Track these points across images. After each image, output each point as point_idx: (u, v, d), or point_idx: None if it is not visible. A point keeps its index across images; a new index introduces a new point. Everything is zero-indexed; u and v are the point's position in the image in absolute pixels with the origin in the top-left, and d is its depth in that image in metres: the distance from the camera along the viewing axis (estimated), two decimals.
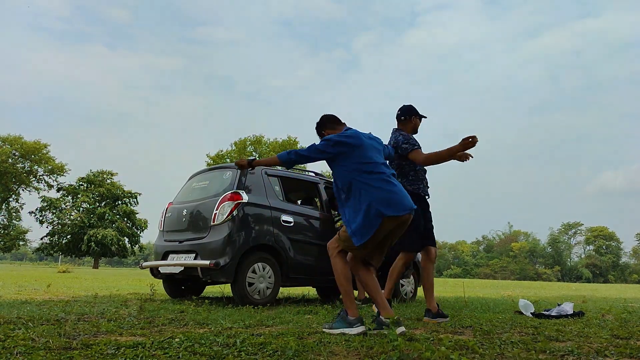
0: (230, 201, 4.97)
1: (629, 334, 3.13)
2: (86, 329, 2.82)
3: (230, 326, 3.15)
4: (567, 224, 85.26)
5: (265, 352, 2.23)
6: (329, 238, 5.70)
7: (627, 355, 2.38)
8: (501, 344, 2.59)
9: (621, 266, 78.52)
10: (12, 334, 2.51)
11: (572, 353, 2.38)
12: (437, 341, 2.64)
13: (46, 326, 2.89)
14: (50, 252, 42.95)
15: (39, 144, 42.15)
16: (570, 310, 4.75)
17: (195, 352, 2.18)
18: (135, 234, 45.55)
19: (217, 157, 36.21)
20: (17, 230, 43.86)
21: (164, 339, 2.47)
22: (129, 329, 2.88)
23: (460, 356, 2.09)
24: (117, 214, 44.71)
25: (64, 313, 3.65)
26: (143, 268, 5.82)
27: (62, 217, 42.44)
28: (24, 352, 2.09)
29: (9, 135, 41.82)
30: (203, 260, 4.82)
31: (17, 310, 3.79)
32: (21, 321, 3.08)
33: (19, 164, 42.43)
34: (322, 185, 6.09)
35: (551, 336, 2.97)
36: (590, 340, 2.83)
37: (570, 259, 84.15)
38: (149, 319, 3.44)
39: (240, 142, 37.54)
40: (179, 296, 5.90)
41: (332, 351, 2.34)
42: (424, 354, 2.13)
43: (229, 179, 5.28)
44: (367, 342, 2.52)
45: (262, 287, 4.99)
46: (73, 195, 44.04)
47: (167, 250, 5.45)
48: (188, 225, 5.31)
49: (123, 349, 2.19)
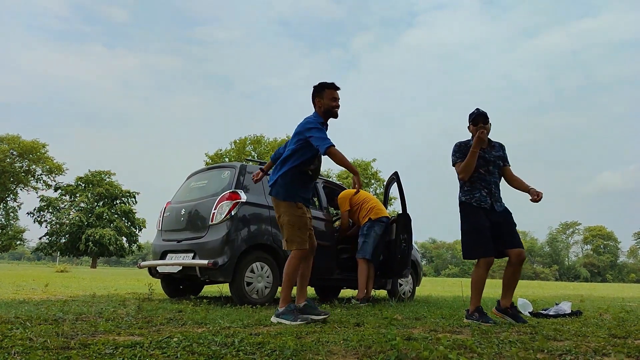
0: (229, 200, 4.96)
1: (626, 333, 3.13)
2: (84, 329, 2.81)
3: (229, 326, 3.15)
4: (565, 224, 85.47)
5: (264, 352, 2.23)
6: (327, 237, 5.76)
7: (625, 354, 2.38)
8: (499, 343, 2.59)
9: (619, 265, 78.74)
10: (10, 334, 2.50)
11: (569, 352, 2.39)
12: (436, 340, 2.64)
13: (44, 326, 2.88)
14: (48, 252, 42.88)
15: (37, 144, 42.05)
16: (568, 310, 4.76)
17: (193, 352, 2.18)
18: (133, 233, 45.50)
19: (215, 157, 36.15)
20: (15, 230, 43.76)
21: (162, 339, 2.46)
22: (127, 329, 2.87)
23: (459, 355, 2.09)
24: (116, 213, 44.65)
25: (61, 313, 3.64)
26: (141, 267, 5.81)
27: (60, 216, 42.37)
28: (21, 352, 2.08)
29: (6, 134, 41.74)
30: (201, 259, 4.81)
31: (15, 310, 3.78)
32: (19, 321, 3.07)
33: (17, 164, 42.33)
34: (320, 185, 6.09)
35: (549, 335, 2.97)
36: (588, 340, 2.84)
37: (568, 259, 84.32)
38: (147, 318, 3.43)
39: (240, 141, 37.47)
40: (177, 296, 5.90)
41: (330, 350, 2.34)
42: (422, 353, 2.13)
43: (227, 179, 5.27)
44: (365, 342, 2.52)
45: (261, 287, 4.99)
46: (71, 195, 43.98)
47: (165, 250, 5.44)
48: (186, 225, 5.30)
49: (121, 349, 2.19)
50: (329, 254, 5.72)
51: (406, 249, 5.88)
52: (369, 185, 39.94)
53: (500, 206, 3.88)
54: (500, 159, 3.97)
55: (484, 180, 3.87)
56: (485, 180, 3.87)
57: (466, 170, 3.79)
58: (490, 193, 3.85)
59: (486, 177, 3.88)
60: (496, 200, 3.87)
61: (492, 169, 3.91)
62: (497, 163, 3.94)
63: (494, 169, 3.91)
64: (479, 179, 3.86)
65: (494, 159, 3.92)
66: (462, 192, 3.90)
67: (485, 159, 3.89)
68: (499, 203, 3.89)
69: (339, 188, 6.53)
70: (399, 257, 5.86)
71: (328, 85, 3.78)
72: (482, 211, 3.81)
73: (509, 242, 3.78)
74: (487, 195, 3.84)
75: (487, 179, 3.87)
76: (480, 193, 3.84)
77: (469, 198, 3.85)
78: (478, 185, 3.86)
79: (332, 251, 5.81)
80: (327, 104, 3.74)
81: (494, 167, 3.91)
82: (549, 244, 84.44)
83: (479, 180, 3.87)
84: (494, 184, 3.89)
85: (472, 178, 3.86)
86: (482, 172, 3.88)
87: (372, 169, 40.49)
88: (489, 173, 3.89)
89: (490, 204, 3.84)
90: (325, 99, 3.74)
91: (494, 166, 3.92)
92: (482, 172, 3.88)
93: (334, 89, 3.77)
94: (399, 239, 5.85)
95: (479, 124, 3.82)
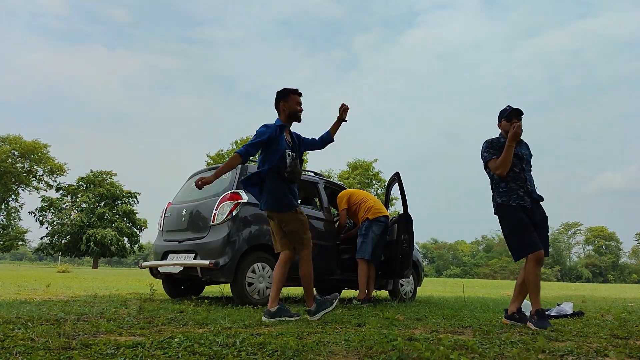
0: (230, 201, 4.96)
1: (628, 334, 3.13)
2: (85, 329, 2.81)
3: (230, 326, 3.15)
4: (566, 224, 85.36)
5: (265, 352, 2.23)
6: (328, 238, 5.76)
7: (627, 355, 2.38)
8: (501, 344, 2.59)
9: (621, 266, 78.59)
10: (12, 334, 2.50)
11: (571, 353, 2.38)
12: (437, 341, 2.64)
13: (45, 326, 2.89)
14: (50, 252, 42.95)
15: (38, 144, 42.11)
16: (569, 310, 4.75)
17: (194, 352, 2.18)
18: (134, 233, 45.54)
19: (217, 157, 36.17)
20: (17, 231, 43.83)
21: (163, 339, 2.46)
22: (128, 329, 2.88)
23: (460, 356, 2.09)
24: (117, 214, 44.71)
25: (63, 313, 3.65)
26: (142, 268, 5.82)
27: (62, 217, 42.43)
28: (23, 352, 2.09)
29: (8, 134, 41.80)
30: (202, 260, 4.81)
31: (17, 310, 3.78)
32: (20, 321, 3.08)
33: (19, 164, 42.39)
34: (321, 185, 6.09)
35: (550, 336, 2.97)
36: (589, 340, 2.83)
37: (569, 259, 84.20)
38: (149, 318, 3.44)
39: (241, 141, 37.51)
40: (178, 296, 5.90)
41: (332, 351, 2.34)
42: (423, 353, 2.13)
43: (228, 179, 5.27)
44: (366, 342, 2.52)
45: (262, 287, 4.99)
46: (72, 195, 44.04)
47: (166, 250, 5.45)
48: (187, 225, 5.30)
49: (122, 349, 2.19)
50: (330, 254, 5.72)
51: (407, 249, 5.88)
52: (370, 186, 39.96)
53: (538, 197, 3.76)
54: (529, 156, 3.88)
55: (519, 179, 3.74)
56: (521, 178, 3.74)
57: (504, 166, 3.66)
58: (527, 192, 3.72)
59: (521, 175, 3.75)
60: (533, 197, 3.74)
61: (525, 166, 3.80)
62: (528, 160, 3.84)
63: (526, 166, 3.81)
64: (513, 179, 3.74)
65: (525, 156, 3.82)
66: (498, 193, 3.77)
67: (518, 156, 3.77)
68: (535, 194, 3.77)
69: (339, 188, 6.53)
70: (400, 257, 5.86)
71: (293, 90, 3.93)
72: (522, 210, 3.69)
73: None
74: (524, 195, 3.71)
75: (522, 177, 3.74)
76: (517, 193, 3.71)
77: (507, 199, 3.72)
78: (514, 186, 3.73)
79: (333, 251, 5.81)
80: (292, 108, 3.89)
81: (526, 165, 3.81)
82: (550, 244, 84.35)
83: (514, 179, 3.74)
84: (529, 182, 3.77)
85: (507, 178, 3.74)
86: (516, 171, 3.75)
87: (373, 169, 40.53)
88: (522, 171, 3.77)
89: (530, 202, 3.71)
90: (290, 102, 3.89)
91: (527, 163, 3.81)
92: (517, 171, 3.75)
93: (298, 94, 3.93)
94: (400, 240, 5.85)
95: (512, 119, 3.74)
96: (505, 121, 3.81)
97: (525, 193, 3.72)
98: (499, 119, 3.89)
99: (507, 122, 3.78)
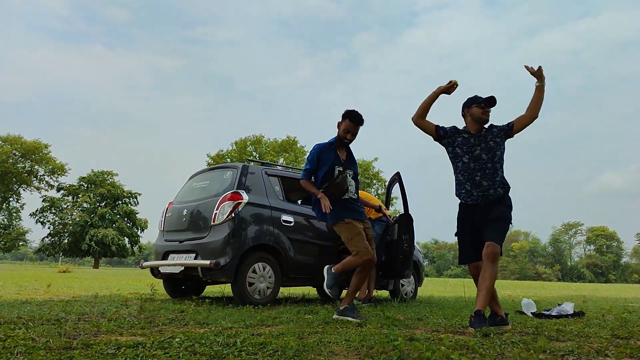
0: (231, 201, 4.96)
1: (629, 334, 3.12)
2: (86, 329, 2.82)
3: (231, 326, 3.15)
4: (567, 224, 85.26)
5: (266, 352, 2.23)
6: (329, 238, 5.75)
7: (628, 355, 2.38)
8: (501, 344, 2.59)
9: (622, 266, 78.47)
10: (13, 334, 2.50)
11: (572, 353, 2.38)
12: (438, 341, 2.64)
13: (46, 326, 2.89)
14: (51, 253, 42.99)
15: (39, 144, 42.11)
16: (570, 310, 4.75)
17: (195, 352, 2.18)
18: (135, 234, 45.57)
19: (217, 157, 36.18)
20: (18, 231, 43.85)
21: (164, 339, 2.47)
22: (129, 329, 2.88)
23: (461, 356, 2.09)
24: (118, 214, 44.73)
25: (64, 313, 3.65)
26: (143, 268, 5.82)
27: (63, 217, 42.47)
28: (24, 352, 2.09)
29: (8, 135, 41.80)
30: (203, 260, 4.81)
31: (18, 310, 3.79)
32: (21, 321, 3.08)
33: (20, 164, 42.41)
34: None
35: (551, 336, 2.97)
36: (590, 340, 2.83)
37: (570, 259, 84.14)
38: (149, 318, 3.44)
39: (240, 141, 37.52)
40: (179, 296, 5.90)
41: (333, 351, 2.34)
42: (424, 353, 2.13)
43: (229, 179, 5.27)
44: (367, 342, 2.52)
45: (263, 287, 4.99)
46: (74, 195, 44.08)
47: (167, 250, 5.45)
48: (188, 225, 5.31)
49: (123, 349, 2.19)
50: (330, 254, 5.71)
51: (408, 249, 5.88)
52: (371, 186, 39.91)
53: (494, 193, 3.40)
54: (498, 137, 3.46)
55: (467, 171, 3.45)
56: (469, 170, 3.43)
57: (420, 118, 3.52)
58: (474, 184, 3.42)
59: (469, 165, 3.43)
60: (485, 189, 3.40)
61: (479, 153, 3.43)
62: (489, 145, 3.43)
63: (483, 152, 3.43)
64: (462, 170, 3.47)
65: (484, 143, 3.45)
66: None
67: (469, 144, 3.44)
68: (492, 190, 3.40)
69: None
70: (400, 257, 5.86)
71: (350, 116, 3.95)
72: (465, 209, 3.53)
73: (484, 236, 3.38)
74: (471, 189, 3.43)
75: (472, 168, 3.42)
76: (465, 187, 3.47)
77: (457, 193, 3.53)
78: (461, 178, 3.49)
79: (334, 251, 5.80)
80: (340, 132, 4.02)
81: (482, 151, 3.43)
82: (551, 244, 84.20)
83: (462, 171, 3.47)
84: (479, 172, 3.41)
85: (455, 170, 3.51)
86: (465, 161, 3.45)
87: (373, 169, 40.47)
88: (474, 160, 3.42)
89: (477, 197, 3.42)
90: (342, 125, 4.00)
91: (483, 150, 3.43)
92: (466, 161, 3.44)
93: (354, 122, 3.96)
94: (401, 240, 5.84)
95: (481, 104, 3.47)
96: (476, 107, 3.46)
97: (473, 186, 3.43)
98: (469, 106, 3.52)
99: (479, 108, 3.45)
